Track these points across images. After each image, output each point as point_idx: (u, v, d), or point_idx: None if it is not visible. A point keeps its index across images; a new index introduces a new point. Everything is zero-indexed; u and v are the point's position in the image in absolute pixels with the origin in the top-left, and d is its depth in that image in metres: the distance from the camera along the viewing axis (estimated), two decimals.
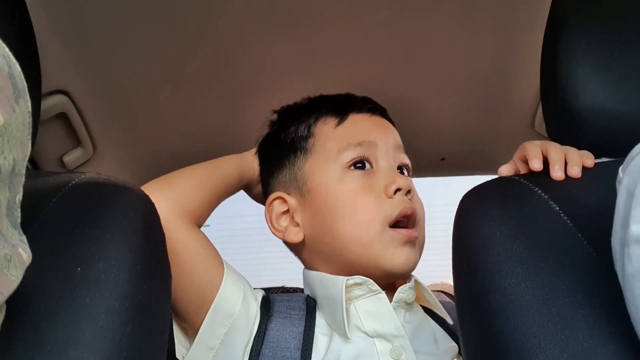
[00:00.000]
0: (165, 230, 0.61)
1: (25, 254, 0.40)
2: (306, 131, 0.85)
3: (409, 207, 0.78)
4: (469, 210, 0.62)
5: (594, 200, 0.58)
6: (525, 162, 0.66)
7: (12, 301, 0.44)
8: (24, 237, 0.41)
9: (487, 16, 0.95)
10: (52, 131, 1.01)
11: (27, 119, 0.41)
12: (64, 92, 1.00)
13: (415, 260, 0.78)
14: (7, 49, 0.40)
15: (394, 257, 0.76)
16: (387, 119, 0.90)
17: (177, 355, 0.74)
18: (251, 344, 0.72)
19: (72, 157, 1.08)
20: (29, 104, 0.41)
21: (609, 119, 0.66)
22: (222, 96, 1.12)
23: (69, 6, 0.89)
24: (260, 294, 0.79)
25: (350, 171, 0.80)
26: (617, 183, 0.49)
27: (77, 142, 1.08)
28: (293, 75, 1.07)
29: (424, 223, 0.84)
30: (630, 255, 0.44)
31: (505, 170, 0.67)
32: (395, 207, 0.77)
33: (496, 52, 1.02)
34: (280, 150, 0.86)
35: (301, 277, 0.85)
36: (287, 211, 0.83)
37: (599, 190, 0.59)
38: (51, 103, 0.97)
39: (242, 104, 1.14)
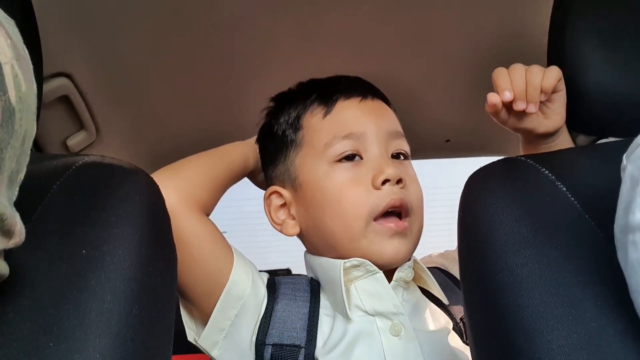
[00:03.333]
0: (174, 219, 0.61)
1: (19, 225, 0.40)
2: (296, 122, 0.84)
3: (398, 198, 0.76)
4: (475, 191, 0.62)
5: (601, 181, 0.58)
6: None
7: (20, 283, 0.44)
8: (17, 214, 0.41)
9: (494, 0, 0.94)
10: (55, 114, 1.00)
11: (36, 100, 0.41)
12: (67, 75, 0.99)
13: (406, 250, 0.78)
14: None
15: (382, 249, 0.76)
16: (381, 100, 0.87)
17: (189, 338, 0.76)
18: (259, 324, 0.74)
19: (76, 141, 1.08)
20: (35, 86, 0.41)
21: (616, 99, 0.66)
22: (226, 81, 1.11)
23: None
24: (265, 277, 0.80)
25: (338, 164, 0.79)
26: (621, 170, 0.49)
27: (81, 126, 1.08)
28: (297, 60, 1.06)
29: (422, 210, 0.82)
30: (636, 242, 0.43)
31: (495, 98, 0.72)
32: (383, 198, 0.76)
33: (502, 31, 1.01)
34: (273, 143, 0.86)
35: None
36: (285, 204, 0.84)
37: (606, 171, 0.58)
38: (53, 86, 0.97)
39: (246, 89, 1.13)
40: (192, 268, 0.72)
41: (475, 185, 0.62)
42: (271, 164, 0.86)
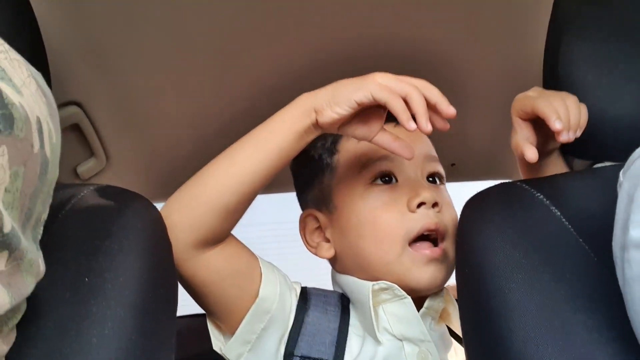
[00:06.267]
0: (185, 261, 0.63)
1: (42, 266, 0.42)
2: (332, 146, 0.84)
3: (433, 222, 0.75)
4: (471, 216, 0.63)
5: (596, 205, 0.58)
6: (527, 118, 0.69)
7: (26, 311, 0.45)
8: (40, 253, 0.44)
9: (494, 24, 0.95)
10: (66, 142, 1.00)
11: (60, 146, 0.44)
12: (77, 104, 1.01)
13: (442, 277, 0.77)
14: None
15: (419, 276, 0.75)
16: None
17: (215, 348, 0.76)
18: (288, 334, 0.74)
19: (86, 168, 1.09)
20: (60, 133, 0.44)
21: (611, 123, 0.66)
22: (238, 109, 1.12)
23: (80, 18, 0.90)
24: (298, 286, 0.80)
25: (374, 186, 0.79)
26: (617, 187, 0.49)
27: (91, 153, 1.10)
28: (308, 81, 1.08)
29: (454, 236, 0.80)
30: (630, 260, 0.44)
31: (531, 152, 0.66)
32: (418, 222, 0.75)
33: (504, 58, 1.02)
34: (309, 167, 0.85)
35: (319, 285, 0.86)
36: (319, 227, 0.84)
37: (600, 195, 0.59)
38: (65, 115, 0.99)
39: (259, 115, 1.15)
40: (216, 298, 0.72)
41: (471, 211, 0.63)
42: (306, 187, 0.87)
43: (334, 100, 0.65)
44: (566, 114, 0.64)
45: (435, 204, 0.77)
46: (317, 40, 0.98)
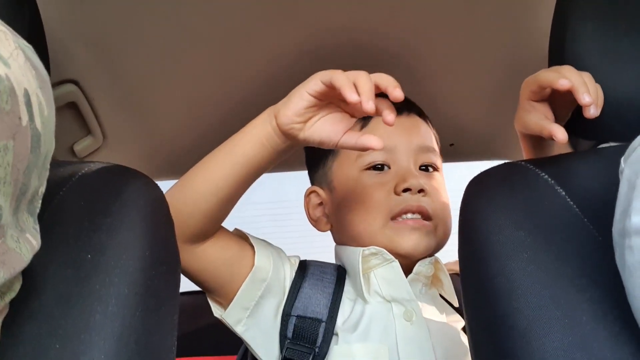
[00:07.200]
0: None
1: (34, 241, 0.41)
2: None
3: (415, 204, 0.83)
4: (475, 195, 0.62)
5: (600, 185, 0.58)
6: (538, 99, 0.69)
7: (27, 288, 0.45)
8: (37, 226, 0.43)
9: (497, 4, 0.95)
10: (63, 120, 1.02)
11: (54, 118, 0.43)
12: (74, 82, 1.00)
13: (426, 245, 0.83)
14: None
15: (402, 241, 0.82)
16: (417, 114, 0.93)
17: (214, 314, 0.81)
18: (285, 299, 0.80)
19: (83, 146, 1.09)
20: (54, 105, 0.43)
21: (616, 103, 0.66)
22: (233, 87, 1.12)
23: None
24: (297, 259, 0.87)
25: (367, 172, 0.86)
26: (619, 173, 0.49)
27: (88, 131, 1.09)
28: (305, 63, 1.07)
29: (447, 218, 0.87)
30: (632, 246, 0.44)
31: (561, 133, 0.64)
32: (401, 202, 0.83)
33: (505, 37, 1.02)
34: (317, 150, 0.88)
35: None
36: (321, 203, 0.93)
37: (605, 176, 0.59)
38: (61, 92, 0.99)
39: (253, 94, 1.14)
40: (212, 281, 0.79)
41: (475, 190, 0.63)
42: (314, 166, 0.96)
43: (288, 100, 0.68)
44: (591, 89, 0.63)
45: (421, 190, 0.84)
46: (314, 30, 0.98)
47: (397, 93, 0.62)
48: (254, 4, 0.92)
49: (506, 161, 0.68)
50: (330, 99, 0.67)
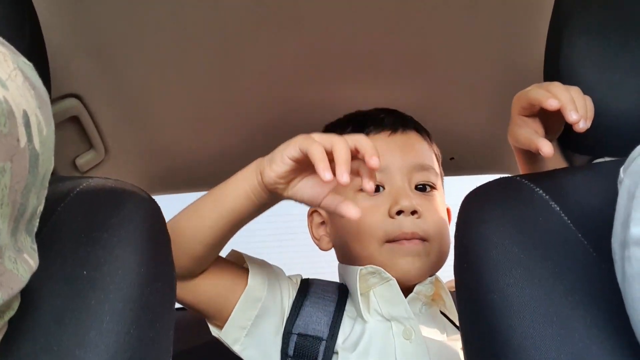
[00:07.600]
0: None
1: (32, 260, 0.42)
2: None
3: (409, 231, 0.82)
4: (470, 211, 0.63)
5: (596, 201, 0.58)
6: (529, 114, 0.69)
7: (23, 303, 0.45)
8: (35, 246, 0.44)
9: (494, 18, 0.95)
10: (65, 134, 1.02)
11: (54, 137, 0.44)
12: (76, 96, 1.01)
13: (420, 267, 0.83)
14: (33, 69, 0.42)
15: (397, 266, 0.83)
16: (415, 131, 0.92)
17: (212, 333, 0.82)
18: (286, 318, 0.81)
19: (85, 160, 1.10)
20: (53, 124, 0.44)
21: (611, 118, 0.66)
22: (235, 102, 1.12)
23: (80, 11, 0.90)
24: (298, 277, 0.88)
25: (362, 193, 0.85)
26: (618, 183, 0.49)
27: (90, 145, 1.10)
28: (303, 79, 1.08)
29: (442, 238, 0.87)
30: (630, 257, 0.44)
31: (547, 147, 0.64)
32: (396, 227, 0.83)
33: (505, 50, 1.02)
34: None
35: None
36: (324, 222, 0.94)
37: (600, 191, 0.59)
38: (63, 107, 0.99)
39: (255, 110, 1.15)
40: (206, 308, 0.80)
41: (470, 205, 0.63)
42: None
43: (272, 159, 0.68)
44: (579, 104, 0.63)
45: (414, 212, 0.83)
46: (317, 39, 0.99)
47: (373, 162, 0.61)
48: (258, 18, 0.93)
49: (503, 175, 0.68)
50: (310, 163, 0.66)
